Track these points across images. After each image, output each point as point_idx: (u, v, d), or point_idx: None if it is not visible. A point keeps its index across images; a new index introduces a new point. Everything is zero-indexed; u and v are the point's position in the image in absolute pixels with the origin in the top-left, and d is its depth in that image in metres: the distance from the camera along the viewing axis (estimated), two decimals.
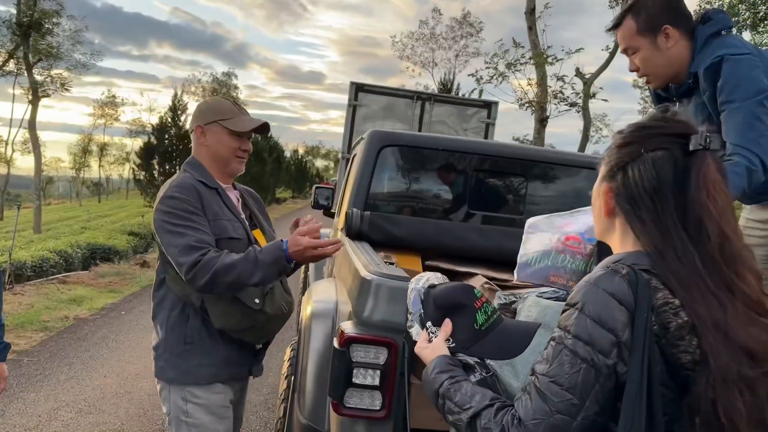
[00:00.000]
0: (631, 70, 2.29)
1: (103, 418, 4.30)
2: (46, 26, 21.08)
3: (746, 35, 21.79)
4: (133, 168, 19.26)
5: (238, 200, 2.32)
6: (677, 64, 2.16)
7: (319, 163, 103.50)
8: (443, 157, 3.60)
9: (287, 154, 46.84)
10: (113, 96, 56.63)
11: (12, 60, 25.52)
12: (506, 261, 3.06)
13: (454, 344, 1.38)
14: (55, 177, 73.21)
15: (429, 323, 1.45)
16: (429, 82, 34.61)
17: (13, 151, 37.16)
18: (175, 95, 19.19)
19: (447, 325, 1.41)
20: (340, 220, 3.76)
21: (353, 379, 1.85)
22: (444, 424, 1.97)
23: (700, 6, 20.48)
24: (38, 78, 22.82)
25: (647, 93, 33.56)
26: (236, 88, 55.29)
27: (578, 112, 13.55)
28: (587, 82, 13.85)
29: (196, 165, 2.21)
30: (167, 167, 18.78)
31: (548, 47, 12.52)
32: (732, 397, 0.99)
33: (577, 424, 1.03)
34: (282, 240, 2.00)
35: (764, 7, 20.63)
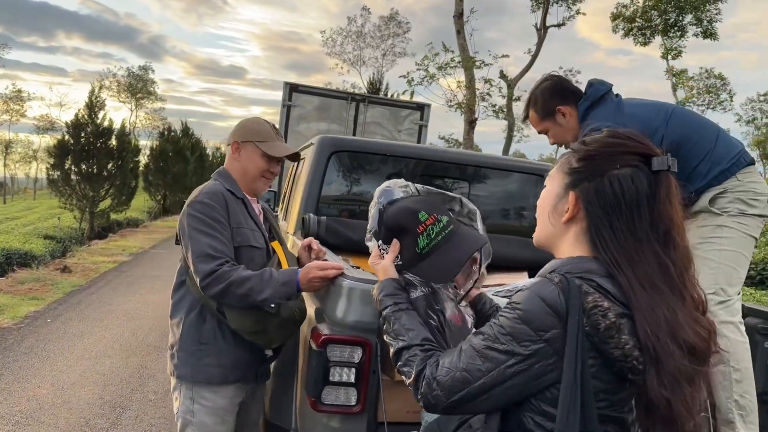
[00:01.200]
0: (551, 144, 2.81)
1: (42, 429, 4.18)
2: None
3: (658, 40, 23.23)
4: (46, 167, 18.27)
5: (260, 213, 2.47)
6: (578, 131, 2.64)
7: None
8: (391, 163, 3.75)
9: (209, 151, 45.72)
10: (19, 90, 53.45)
11: None
12: None
13: (400, 262, 1.56)
14: None
15: (380, 241, 1.64)
16: (357, 80, 34.78)
17: None
18: (92, 91, 18.34)
19: (395, 245, 1.61)
20: (290, 224, 3.84)
21: (330, 378, 1.96)
22: (414, 417, 2.13)
23: (616, 9, 21.68)
24: None
25: None
26: (153, 82, 53.50)
27: (503, 113, 14.08)
28: (511, 85, 14.42)
29: (226, 176, 2.38)
30: (83, 167, 17.95)
31: (476, 52, 12.97)
32: (683, 393, 1.15)
33: (474, 388, 1.20)
34: (297, 268, 2.15)
35: (674, 14, 22.05)
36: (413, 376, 1.30)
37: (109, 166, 18.51)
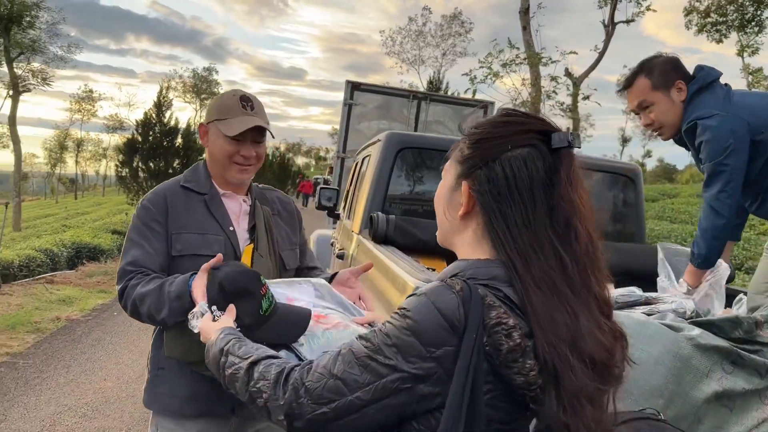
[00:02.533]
0: (645, 125, 2.51)
1: (108, 422, 4.21)
2: (27, 19, 20.64)
3: (734, 36, 22.17)
4: (115, 164, 18.92)
5: (242, 208, 2.01)
6: (681, 117, 2.38)
7: (300, 160, 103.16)
8: None
9: (269, 152, 46.51)
10: (90, 91, 55.83)
11: None
12: None
13: (239, 329, 1.38)
14: (30, 173, 71.86)
15: (214, 307, 1.46)
16: (415, 80, 34.64)
17: None
18: (161, 91, 18.90)
19: (231, 310, 1.43)
20: (355, 223, 3.72)
21: None
22: None
23: (689, 4, 20.78)
24: (18, 72, 22.37)
25: None
26: (217, 83, 54.89)
27: (569, 112, 13.64)
28: (577, 83, 13.97)
29: (196, 167, 2.04)
30: (151, 164, 18.51)
31: (543, 48, 12.58)
32: (584, 416, 0.97)
33: (344, 402, 1.00)
34: (192, 274, 1.69)
35: (752, 9, 20.96)
36: (271, 382, 1.06)
37: (175, 164, 18.98)
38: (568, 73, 14.09)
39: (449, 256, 3.04)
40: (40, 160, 66.77)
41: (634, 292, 2.06)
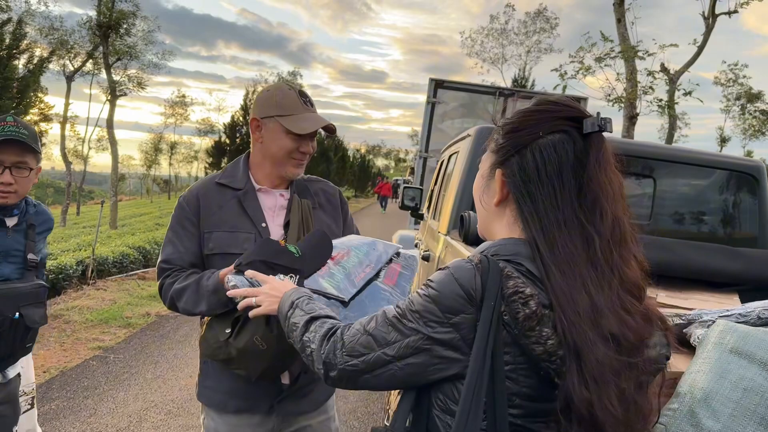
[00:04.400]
0: None
1: (192, 421, 4.21)
2: (124, 27, 21.77)
3: None
4: (205, 166, 19.60)
5: (278, 202, 1.97)
6: None
7: (380, 162, 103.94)
8: None
9: (350, 153, 47.11)
10: (183, 95, 58.41)
11: (90, 60, 26.67)
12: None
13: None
14: (126, 174, 76.06)
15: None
16: (497, 80, 33.96)
17: (89, 148, 38.74)
18: (247, 94, 19.45)
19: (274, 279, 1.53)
20: (442, 224, 3.53)
21: None
22: None
23: None
24: (115, 78, 23.64)
25: (729, 90, 31.84)
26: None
27: (665, 109, 12.82)
28: (674, 78, 13.11)
29: (237, 162, 2.02)
30: None
31: (640, 41, 11.85)
32: (608, 391, 0.98)
33: (373, 356, 1.09)
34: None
35: None
36: (318, 338, 1.19)
37: None
38: (663, 68, 13.26)
39: None
40: (136, 161, 70.44)
41: None
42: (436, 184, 4.87)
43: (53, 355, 5.45)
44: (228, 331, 1.72)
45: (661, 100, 12.59)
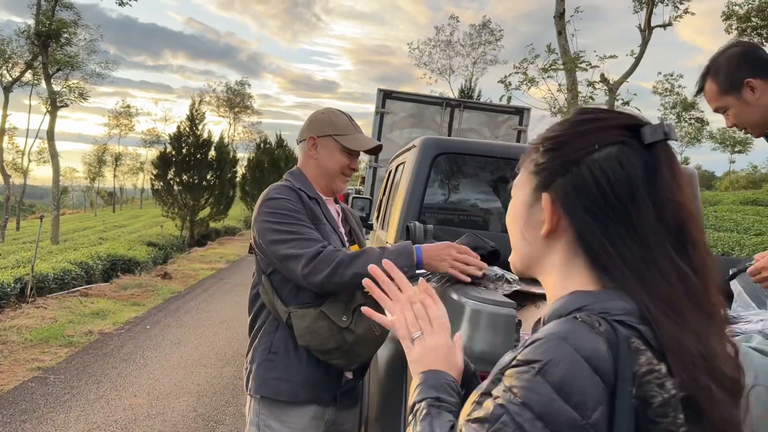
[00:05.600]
0: (729, 126, 2.26)
1: None
2: (65, 36, 21.12)
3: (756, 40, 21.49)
4: (150, 177, 19.11)
5: (339, 214, 2.26)
6: None
7: None
8: (500, 166, 3.38)
9: None
10: (128, 106, 57.03)
11: (29, 71, 25.76)
12: None
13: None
14: (70, 187, 73.64)
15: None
16: (446, 90, 34.40)
17: (30, 161, 37.35)
18: (193, 104, 19.05)
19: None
20: (390, 234, 3.55)
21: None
22: None
23: (727, 8, 20.22)
24: (56, 88, 22.89)
25: (667, 99, 33.15)
26: (250, 97, 55.54)
27: None
28: (613, 89, 13.58)
29: (299, 175, 2.17)
30: (184, 177, 18.66)
31: (582, 52, 12.25)
32: None
33: None
34: (415, 246, 1.91)
35: None
36: None
37: (209, 176, 19.09)
38: (603, 79, 13.72)
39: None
40: (79, 174, 68.37)
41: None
42: (384, 194, 4.90)
43: None
44: (345, 318, 1.90)
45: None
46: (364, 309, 1.22)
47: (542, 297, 2.64)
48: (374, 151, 2.21)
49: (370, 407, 2.32)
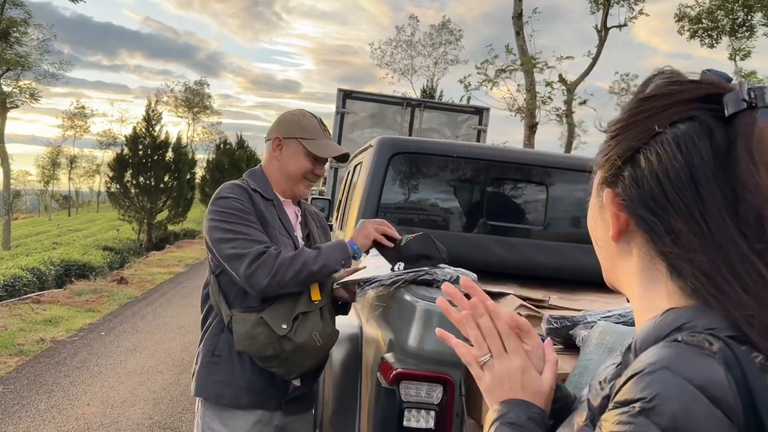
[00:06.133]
0: None
1: None
2: (14, 35, 20.45)
3: (725, 41, 22.22)
4: (106, 180, 18.66)
5: (297, 217, 2.19)
6: None
7: None
8: (458, 165, 3.38)
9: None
10: (83, 107, 55.68)
11: None
12: (536, 276, 2.86)
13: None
14: (23, 191, 71.46)
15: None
16: (408, 90, 34.54)
17: None
18: (149, 105, 18.67)
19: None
20: (347, 234, 3.52)
21: (404, 422, 1.60)
22: None
23: (679, 11, 20.80)
24: (5, 89, 22.16)
25: (623, 98, 33.91)
26: (209, 97, 54.79)
27: (564, 118, 13.49)
28: (571, 89, 13.84)
29: (259, 175, 2.11)
30: (141, 179, 18.28)
31: (539, 52, 12.46)
32: None
33: None
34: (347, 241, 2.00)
35: (742, 14, 20.99)
36: None
37: (166, 178, 18.74)
38: (561, 79, 13.98)
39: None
40: (33, 177, 66.41)
41: None
42: (343, 194, 4.87)
43: None
44: (285, 326, 1.85)
45: (558, 109, 13.24)
46: (438, 331, 0.96)
47: (498, 296, 2.66)
48: (342, 159, 2.16)
49: (325, 410, 2.29)
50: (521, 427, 0.80)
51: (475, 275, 2.05)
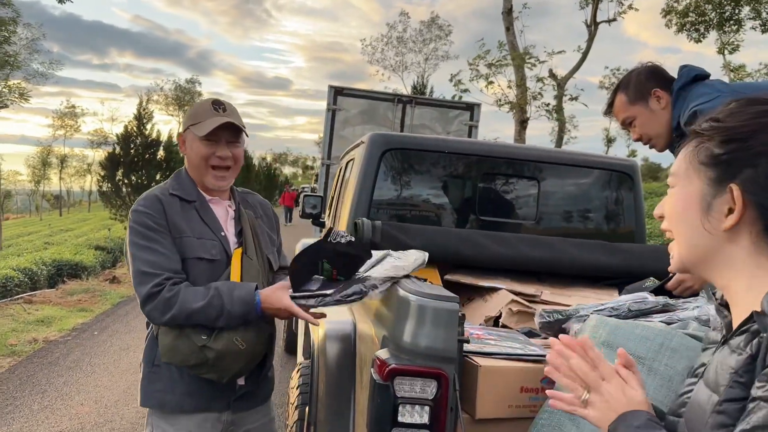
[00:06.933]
0: (635, 140, 2.43)
1: None
2: (2, 34, 20.27)
3: (713, 35, 22.32)
4: (97, 179, 18.56)
5: (228, 212, 2.09)
6: (669, 126, 2.28)
7: (287, 170, 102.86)
8: (450, 161, 3.39)
9: (255, 162, 46.28)
10: (73, 106, 55.33)
11: None
12: (529, 271, 2.87)
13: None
14: (13, 191, 70.94)
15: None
16: (399, 86, 34.51)
17: None
18: (140, 103, 18.57)
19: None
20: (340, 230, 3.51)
21: (399, 418, 1.60)
22: None
23: (666, 5, 20.86)
24: None
25: None
26: (200, 94, 54.56)
27: (554, 113, 13.52)
28: (561, 84, 13.87)
29: (180, 175, 2.07)
30: (133, 178, 18.17)
31: (532, 47, 12.47)
32: None
33: None
34: (256, 291, 1.85)
35: (730, 7, 21.07)
36: None
37: (158, 176, 18.65)
38: (552, 75, 14.00)
39: (440, 265, 2.84)
40: (23, 177, 65.93)
41: (647, 298, 1.87)
42: (335, 191, 4.87)
43: None
44: (204, 337, 1.82)
45: (549, 104, 13.28)
46: (549, 393, 1.03)
47: (490, 290, 2.67)
48: (228, 128, 1.94)
49: (319, 408, 2.28)
50: (645, 428, 0.89)
51: (424, 258, 2.11)
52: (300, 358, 3.69)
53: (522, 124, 12.58)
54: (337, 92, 8.36)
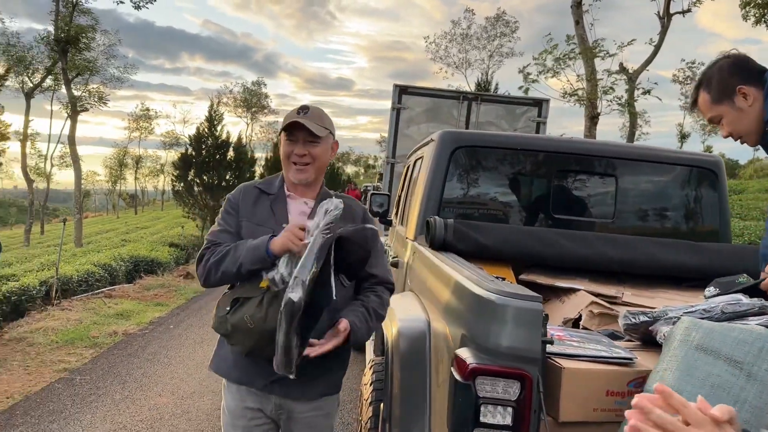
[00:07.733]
0: (725, 137, 2.28)
1: None
2: (83, 41, 21.35)
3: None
4: (171, 179, 19.27)
5: (303, 210, 2.20)
6: (762, 119, 2.12)
7: (349, 169, 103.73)
8: (521, 158, 3.32)
9: None
10: (147, 109, 57.53)
11: (49, 76, 26.13)
12: (607, 271, 2.77)
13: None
14: (92, 190, 74.52)
15: None
16: (462, 84, 34.20)
17: (52, 166, 37.90)
18: (211, 106, 19.16)
19: None
20: (409, 229, 3.51)
21: (481, 418, 1.58)
22: None
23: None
24: (76, 93, 23.17)
25: (687, 88, 32.55)
26: (266, 96, 55.73)
27: (625, 108, 13.05)
28: (632, 77, 13.37)
29: (278, 174, 2.30)
30: (204, 178, 18.78)
31: (603, 39, 12.07)
32: None
33: None
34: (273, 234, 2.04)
35: None
36: None
37: (228, 176, 19.20)
38: (622, 68, 13.52)
39: (515, 262, 2.79)
40: (101, 177, 69.10)
41: (741, 299, 1.77)
42: (402, 189, 4.86)
43: (17, 380, 5.27)
44: (228, 308, 2.00)
45: (621, 98, 12.83)
46: None
47: (567, 291, 2.60)
48: (308, 131, 2.10)
49: (394, 404, 2.29)
50: None
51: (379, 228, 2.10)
52: (370, 354, 3.71)
53: (592, 119, 12.20)
54: (402, 91, 8.35)
